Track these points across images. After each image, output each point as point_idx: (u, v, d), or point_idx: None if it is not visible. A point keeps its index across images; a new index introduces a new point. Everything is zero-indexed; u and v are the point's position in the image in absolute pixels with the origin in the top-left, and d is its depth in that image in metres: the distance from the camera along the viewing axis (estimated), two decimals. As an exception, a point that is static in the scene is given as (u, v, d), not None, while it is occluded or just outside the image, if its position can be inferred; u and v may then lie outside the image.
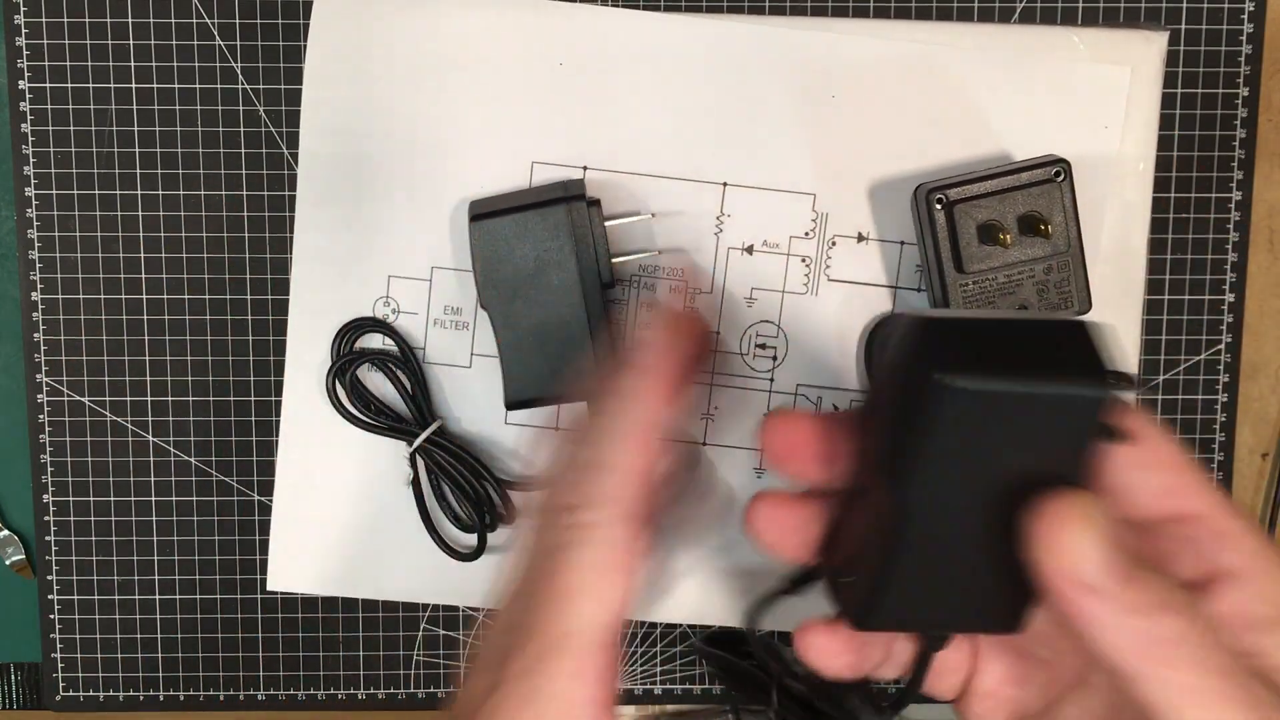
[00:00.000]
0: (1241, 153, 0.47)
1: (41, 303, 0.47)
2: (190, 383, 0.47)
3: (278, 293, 0.47)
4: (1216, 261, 0.47)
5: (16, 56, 0.46)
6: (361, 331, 0.44)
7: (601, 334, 0.42)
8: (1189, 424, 0.48)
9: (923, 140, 0.44)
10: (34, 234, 0.46)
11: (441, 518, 0.45)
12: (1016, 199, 0.41)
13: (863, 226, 0.44)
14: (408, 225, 0.44)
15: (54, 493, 0.47)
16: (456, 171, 0.44)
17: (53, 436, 0.47)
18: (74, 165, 0.46)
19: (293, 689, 0.49)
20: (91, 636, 0.48)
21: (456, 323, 0.45)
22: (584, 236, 0.42)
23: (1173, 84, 0.46)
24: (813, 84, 0.43)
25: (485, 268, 0.42)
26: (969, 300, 0.41)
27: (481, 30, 0.43)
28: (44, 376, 0.47)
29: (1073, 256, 0.41)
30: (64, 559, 0.48)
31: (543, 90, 0.44)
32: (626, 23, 0.43)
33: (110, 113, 0.46)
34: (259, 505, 0.48)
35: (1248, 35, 0.46)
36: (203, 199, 0.46)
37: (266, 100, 0.46)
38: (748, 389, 0.45)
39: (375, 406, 0.44)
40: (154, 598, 0.48)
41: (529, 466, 0.45)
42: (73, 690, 0.48)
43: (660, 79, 0.43)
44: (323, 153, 0.44)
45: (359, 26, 0.43)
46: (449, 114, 0.44)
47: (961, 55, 0.43)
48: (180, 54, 0.46)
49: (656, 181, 0.44)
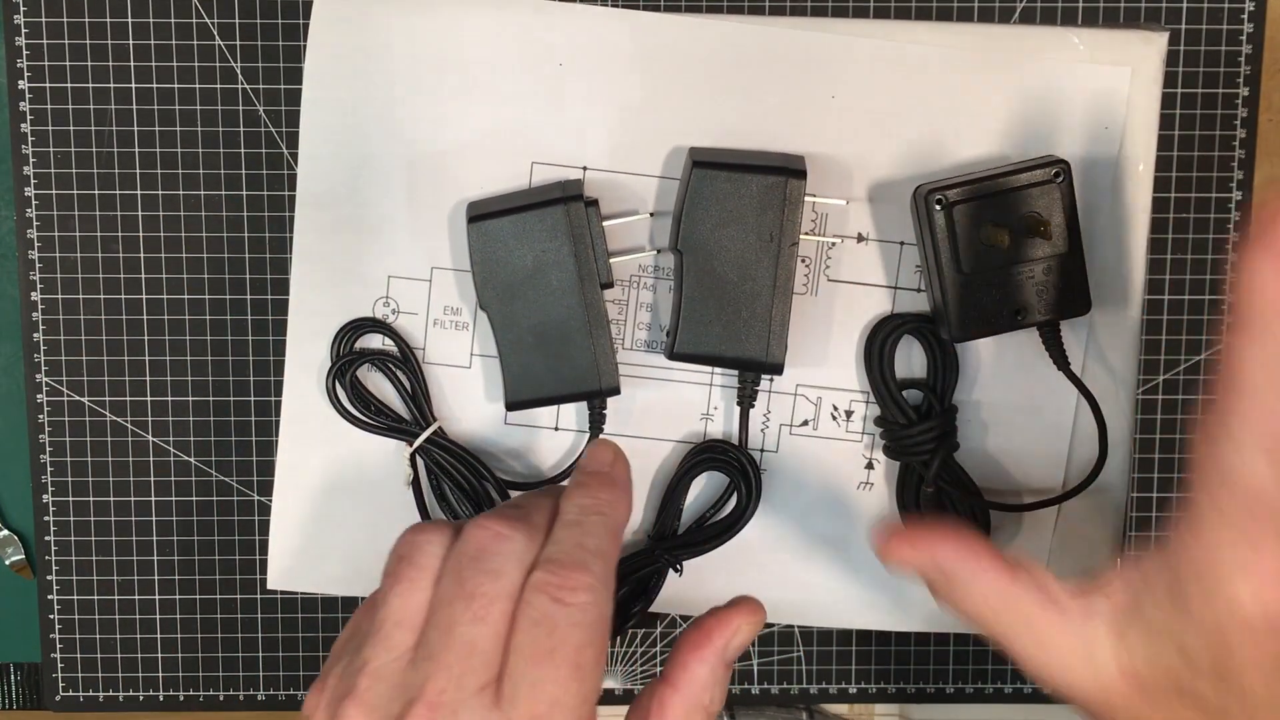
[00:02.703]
0: (1241, 153, 0.47)
1: (41, 303, 0.47)
2: (190, 383, 0.47)
3: (278, 293, 0.47)
4: (1216, 261, 0.47)
5: (16, 56, 0.46)
6: (361, 332, 0.44)
7: (600, 334, 0.42)
8: (1189, 424, 0.48)
9: (922, 141, 0.44)
10: (34, 234, 0.46)
11: (442, 518, 0.45)
12: (1016, 200, 0.41)
13: (862, 227, 0.44)
14: (408, 225, 0.44)
15: (54, 493, 0.47)
16: (456, 171, 0.44)
17: (53, 436, 0.47)
18: (74, 165, 0.46)
19: (293, 689, 0.49)
20: (91, 636, 0.48)
21: (456, 323, 0.45)
22: (582, 237, 0.42)
23: (1173, 84, 0.46)
24: (813, 84, 0.43)
25: (484, 269, 0.42)
26: (967, 301, 0.41)
27: (481, 30, 0.43)
28: (44, 376, 0.47)
29: (1072, 257, 0.41)
30: (64, 559, 0.48)
31: (543, 90, 0.44)
32: (626, 23, 0.43)
33: (110, 113, 0.46)
34: (259, 505, 0.48)
35: (1248, 35, 0.46)
36: (203, 199, 0.46)
37: (266, 100, 0.46)
38: (747, 389, 0.45)
39: (375, 407, 0.44)
40: (154, 598, 0.48)
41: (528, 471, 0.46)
42: (72, 690, 0.48)
43: (660, 79, 0.43)
44: (323, 153, 0.44)
45: (359, 26, 0.43)
46: (449, 114, 0.44)
47: (961, 55, 0.43)
48: (180, 54, 0.46)
49: (656, 182, 0.44)
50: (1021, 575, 0.36)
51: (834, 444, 0.45)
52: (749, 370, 0.43)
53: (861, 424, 0.45)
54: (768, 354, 0.42)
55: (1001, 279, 0.41)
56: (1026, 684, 0.49)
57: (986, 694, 0.49)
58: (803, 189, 0.42)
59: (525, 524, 0.34)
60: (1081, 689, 0.36)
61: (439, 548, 0.34)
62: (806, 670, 0.49)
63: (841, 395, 0.45)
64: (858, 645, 0.49)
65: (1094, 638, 0.36)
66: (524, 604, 0.32)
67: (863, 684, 0.49)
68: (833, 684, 0.49)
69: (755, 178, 0.41)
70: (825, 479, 0.46)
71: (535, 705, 0.30)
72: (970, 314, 0.42)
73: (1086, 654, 0.36)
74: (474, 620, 0.31)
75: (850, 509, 0.46)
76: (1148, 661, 0.35)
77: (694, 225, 0.42)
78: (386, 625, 0.33)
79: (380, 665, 0.32)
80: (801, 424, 0.45)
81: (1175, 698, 0.35)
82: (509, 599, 0.32)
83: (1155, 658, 0.35)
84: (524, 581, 0.32)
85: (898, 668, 0.49)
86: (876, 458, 0.45)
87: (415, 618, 0.33)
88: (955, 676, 0.49)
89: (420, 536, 0.34)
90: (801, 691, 0.49)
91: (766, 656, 0.49)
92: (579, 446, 0.45)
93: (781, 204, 0.41)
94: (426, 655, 0.32)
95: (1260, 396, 0.32)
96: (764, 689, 0.49)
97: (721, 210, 0.42)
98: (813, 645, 0.49)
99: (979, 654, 0.49)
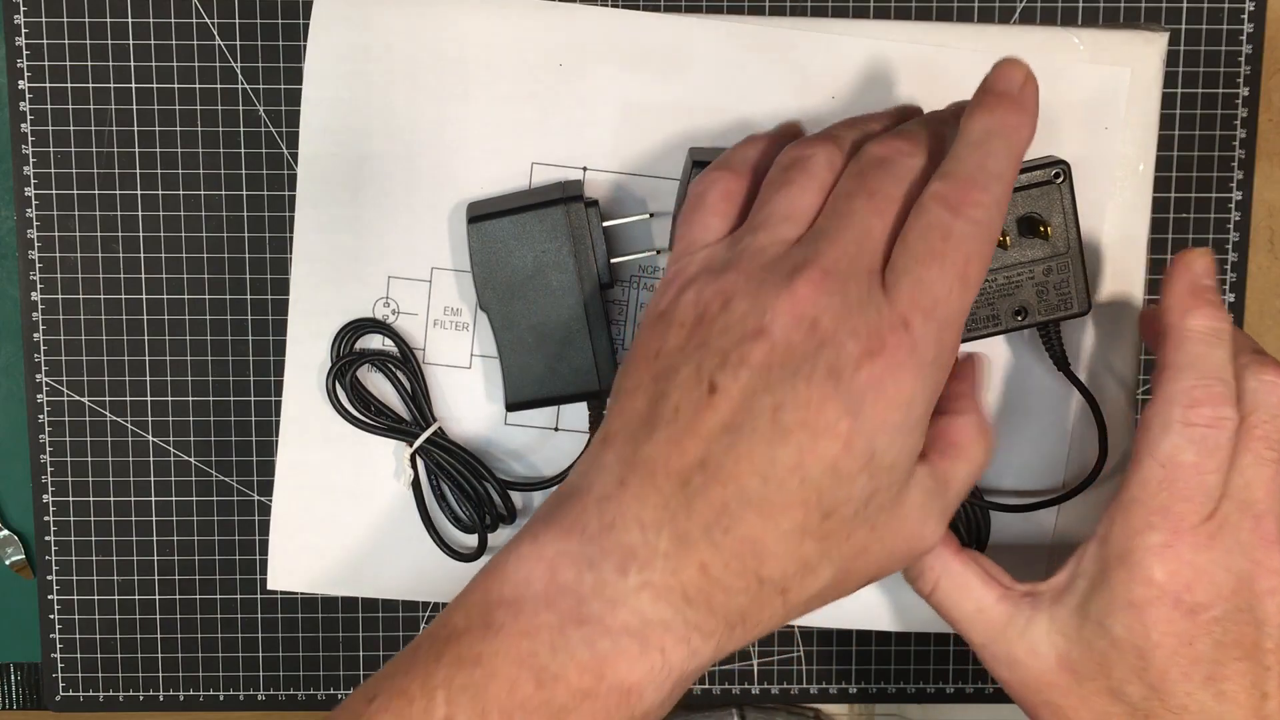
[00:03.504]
0: (1241, 153, 0.47)
1: (41, 303, 0.47)
2: (190, 383, 0.47)
3: (278, 293, 0.47)
4: (1216, 262, 0.47)
5: (16, 56, 0.46)
6: (361, 332, 0.44)
7: (600, 334, 0.42)
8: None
9: (923, 141, 0.44)
10: (34, 234, 0.46)
11: (441, 518, 0.45)
12: (1016, 200, 0.41)
13: (862, 227, 0.44)
14: (408, 226, 0.44)
15: (54, 493, 0.48)
16: (457, 171, 0.44)
17: (53, 436, 0.47)
18: (74, 165, 0.46)
19: (293, 689, 0.49)
20: (91, 636, 0.48)
21: (456, 323, 0.45)
22: (582, 237, 0.42)
23: (1173, 84, 0.46)
24: (813, 84, 0.43)
25: (484, 270, 0.42)
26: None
27: (481, 30, 0.43)
28: (44, 376, 0.47)
29: (1072, 258, 0.41)
30: (64, 559, 0.48)
31: (543, 90, 0.44)
32: (626, 23, 0.43)
33: (110, 113, 0.46)
34: (259, 505, 0.48)
35: (1248, 35, 0.46)
36: (203, 199, 0.46)
37: (266, 100, 0.46)
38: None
39: (375, 407, 0.44)
40: (154, 598, 0.48)
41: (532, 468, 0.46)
42: (72, 690, 0.49)
43: (660, 79, 0.43)
44: (323, 153, 0.44)
45: (359, 26, 0.43)
46: (449, 114, 0.44)
47: (961, 55, 0.43)
48: (180, 54, 0.46)
49: (656, 182, 0.44)
50: (973, 562, 0.38)
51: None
52: None
53: (861, 424, 0.45)
54: None
55: (1003, 280, 0.41)
56: (1026, 684, 0.49)
57: (986, 694, 0.49)
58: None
59: (929, 141, 0.34)
60: (1027, 681, 0.37)
61: (834, 159, 0.34)
62: (806, 670, 0.49)
63: (841, 395, 0.45)
64: (858, 645, 0.49)
65: (1036, 628, 0.37)
66: (920, 209, 0.32)
67: (863, 684, 0.49)
68: (833, 684, 0.49)
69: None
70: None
71: (918, 299, 0.31)
72: (971, 315, 0.42)
73: (1029, 646, 0.37)
74: (873, 213, 0.32)
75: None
76: (1081, 647, 0.36)
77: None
78: (774, 219, 0.33)
79: (765, 245, 0.33)
80: (801, 424, 0.45)
81: (1106, 695, 0.35)
82: (909, 203, 0.32)
83: (1089, 642, 0.36)
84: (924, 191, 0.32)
85: (898, 668, 0.49)
86: (876, 458, 0.45)
87: (804, 215, 0.33)
88: (955, 676, 0.49)
89: (808, 150, 0.35)
90: (802, 691, 0.49)
91: (766, 656, 0.49)
92: (579, 447, 0.45)
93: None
94: (820, 233, 0.32)
95: (1183, 381, 0.35)
96: (764, 689, 0.49)
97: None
98: (813, 645, 0.49)
99: (979, 654, 0.49)
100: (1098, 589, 0.36)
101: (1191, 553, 0.35)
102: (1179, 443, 0.35)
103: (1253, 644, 0.35)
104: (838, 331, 0.30)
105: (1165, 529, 0.35)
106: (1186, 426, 0.35)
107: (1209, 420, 0.35)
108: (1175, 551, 0.35)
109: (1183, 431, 0.35)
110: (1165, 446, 0.35)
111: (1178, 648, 0.34)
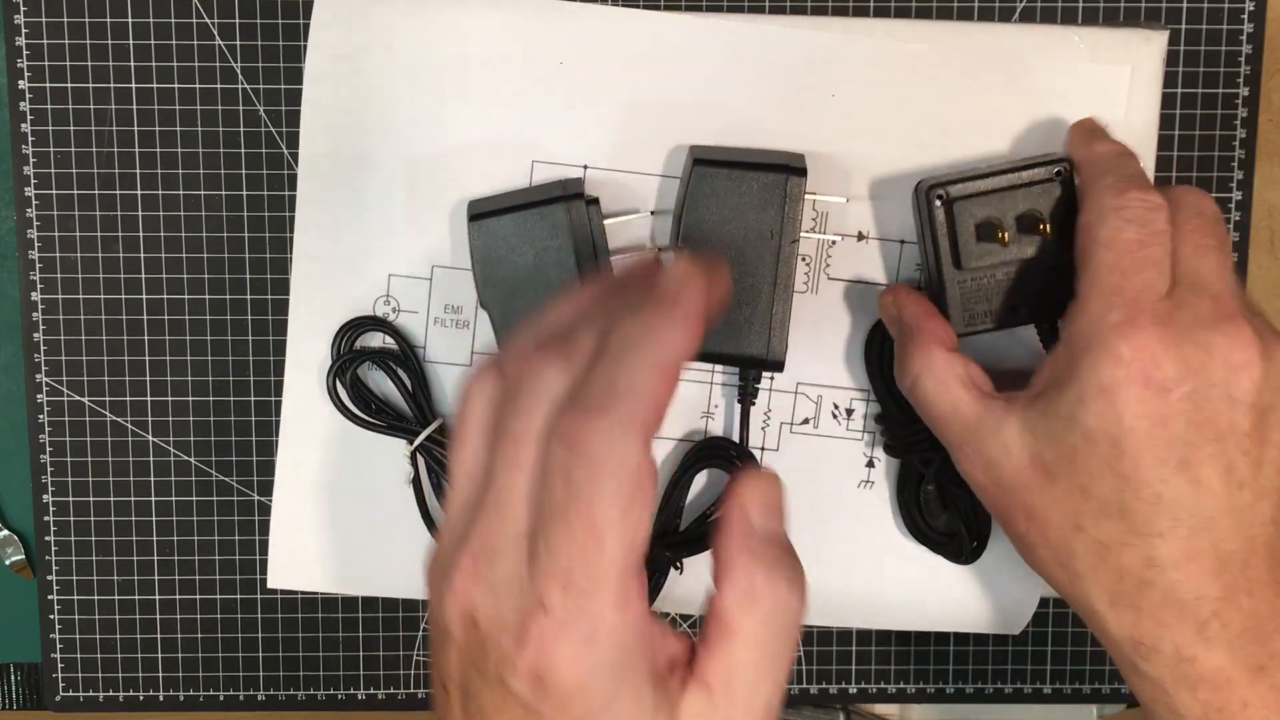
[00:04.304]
0: (1241, 153, 0.47)
1: (41, 303, 0.47)
2: (190, 383, 0.47)
3: (278, 293, 0.47)
4: (1216, 261, 0.47)
5: (16, 56, 0.46)
6: (362, 330, 0.44)
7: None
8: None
9: (922, 140, 0.44)
10: (34, 234, 0.46)
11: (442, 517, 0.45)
12: (1016, 197, 0.41)
13: (863, 225, 0.44)
14: (408, 224, 0.44)
15: (54, 493, 0.47)
16: (457, 170, 0.44)
17: (53, 436, 0.47)
18: (74, 165, 0.46)
19: (293, 689, 0.49)
20: (91, 636, 0.48)
21: (457, 321, 0.45)
22: (583, 235, 0.42)
23: (1173, 84, 0.46)
24: (813, 84, 0.43)
25: (484, 267, 0.42)
26: (965, 297, 0.41)
27: (481, 30, 0.43)
28: (44, 376, 0.47)
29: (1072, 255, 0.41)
30: (64, 559, 0.48)
31: (543, 90, 0.44)
32: (626, 23, 0.43)
33: (110, 113, 0.46)
34: (259, 505, 0.48)
35: (1248, 35, 0.46)
36: (203, 199, 0.46)
37: (266, 100, 0.46)
38: (748, 388, 0.45)
39: (375, 405, 0.44)
40: (154, 598, 0.48)
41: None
42: (72, 690, 0.48)
43: (660, 79, 0.43)
44: (323, 153, 0.44)
45: (359, 26, 0.43)
46: (449, 113, 0.44)
47: (961, 54, 0.43)
48: (180, 54, 0.46)
49: (657, 180, 0.44)
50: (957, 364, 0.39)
51: (834, 442, 0.45)
52: (749, 367, 0.43)
53: (862, 422, 0.45)
54: (769, 351, 0.42)
55: (1001, 276, 0.41)
56: (1028, 684, 0.49)
57: (986, 694, 0.49)
58: (803, 186, 0.42)
59: (564, 351, 0.30)
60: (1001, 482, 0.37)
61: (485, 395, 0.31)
62: (807, 670, 0.49)
63: (842, 393, 0.45)
64: (858, 645, 0.49)
65: (1008, 428, 0.37)
66: (547, 451, 0.28)
67: (863, 684, 0.49)
68: (833, 684, 0.49)
69: (755, 175, 0.41)
70: (826, 477, 0.45)
71: (551, 570, 0.27)
72: (969, 310, 0.42)
73: (1002, 445, 0.37)
74: (507, 466, 0.29)
75: (850, 507, 0.46)
76: (1053, 445, 0.36)
77: (695, 223, 0.42)
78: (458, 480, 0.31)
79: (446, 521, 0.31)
80: (802, 422, 0.45)
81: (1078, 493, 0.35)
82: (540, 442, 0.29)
83: (1060, 438, 0.36)
84: None
85: (898, 668, 0.49)
86: (877, 456, 0.45)
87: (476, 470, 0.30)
88: (956, 676, 0.49)
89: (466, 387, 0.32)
90: (802, 691, 0.49)
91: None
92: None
93: (782, 201, 0.41)
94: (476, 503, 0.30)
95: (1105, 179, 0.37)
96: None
97: (722, 208, 0.42)
98: (813, 645, 0.49)
99: (979, 654, 0.49)
100: (1067, 383, 0.35)
101: (1155, 325, 0.34)
102: (1117, 223, 0.36)
103: (1227, 425, 0.34)
104: (491, 627, 0.28)
105: (1123, 306, 0.35)
106: (1119, 209, 0.36)
107: (1139, 202, 0.36)
108: (1138, 325, 0.34)
109: (1118, 213, 0.36)
110: (1106, 231, 0.36)
111: (1152, 429, 0.34)
